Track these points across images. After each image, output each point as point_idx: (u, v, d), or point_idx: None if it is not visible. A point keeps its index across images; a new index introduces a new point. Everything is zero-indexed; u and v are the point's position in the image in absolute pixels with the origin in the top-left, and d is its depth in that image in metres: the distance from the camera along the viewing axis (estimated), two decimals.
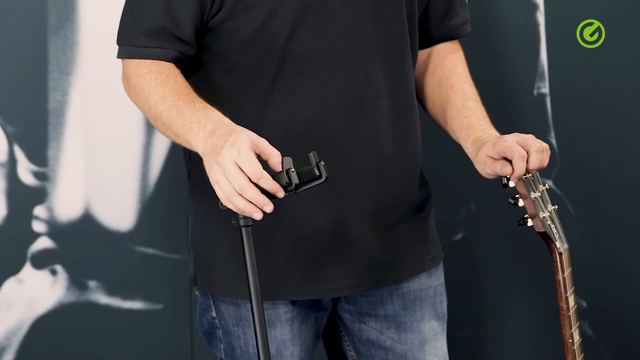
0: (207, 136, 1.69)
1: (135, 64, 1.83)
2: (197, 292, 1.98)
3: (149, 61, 1.81)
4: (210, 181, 1.65)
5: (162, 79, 1.80)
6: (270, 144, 1.65)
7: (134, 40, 1.83)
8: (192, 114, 1.73)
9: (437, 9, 2.00)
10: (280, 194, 1.62)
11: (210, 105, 1.75)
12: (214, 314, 1.93)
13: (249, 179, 1.61)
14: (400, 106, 1.91)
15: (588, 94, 2.66)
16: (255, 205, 1.62)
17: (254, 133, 1.64)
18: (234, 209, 1.64)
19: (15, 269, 2.50)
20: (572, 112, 2.67)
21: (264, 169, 1.62)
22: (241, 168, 1.61)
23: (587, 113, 2.67)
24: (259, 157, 1.63)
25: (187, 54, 1.84)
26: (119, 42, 1.86)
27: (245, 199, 1.61)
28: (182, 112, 1.75)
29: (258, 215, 1.63)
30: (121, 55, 1.85)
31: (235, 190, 1.61)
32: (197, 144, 1.71)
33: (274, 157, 1.63)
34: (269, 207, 1.62)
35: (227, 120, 1.71)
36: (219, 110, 1.73)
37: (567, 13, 2.63)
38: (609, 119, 2.68)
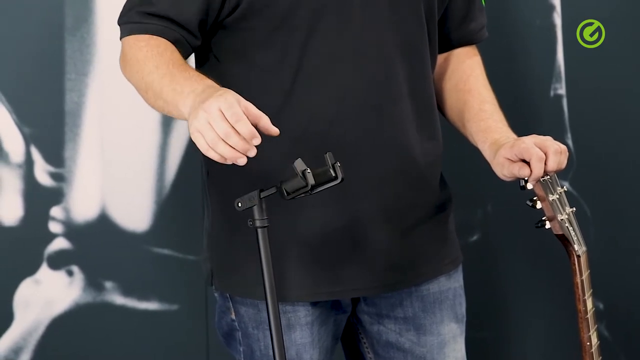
0: (196, 96, 1.67)
1: (133, 38, 1.82)
2: (215, 294, 1.98)
3: (147, 35, 1.80)
4: (191, 131, 1.62)
5: (159, 51, 1.78)
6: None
7: (135, 18, 1.82)
8: (186, 80, 1.72)
9: (455, 12, 2.00)
10: (257, 140, 1.59)
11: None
12: (233, 316, 1.93)
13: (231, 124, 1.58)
14: (421, 107, 1.91)
15: (605, 95, 2.66)
16: (238, 152, 1.60)
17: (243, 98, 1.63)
18: (216, 158, 1.61)
19: (32, 270, 2.51)
20: (589, 113, 2.66)
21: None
22: (224, 114, 1.59)
23: (603, 114, 2.66)
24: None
25: (190, 43, 1.83)
26: (120, 21, 1.85)
27: (229, 145, 1.59)
28: (174, 78, 1.73)
29: (242, 161, 1.60)
30: (123, 33, 1.84)
31: (219, 135, 1.59)
32: (184, 107, 1.68)
33: (263, 119, 1.61)
34: (252, 151, 1.60)
35: (221, 87, 1.69)
36: None
37: (584, 14, 2.62)
38: (625, 120, 2.67)
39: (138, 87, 1.81)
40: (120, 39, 1.85)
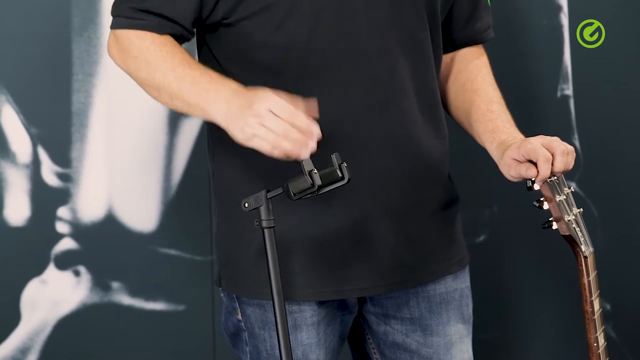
0: (227, 102, 1.72)
1: (134, 34, 1.83)
2: (222, 295, 1.98)
3: (149, 33, 1.82)
4: (246, 138, 1.69)
5: (167, 50, 1.81)
6: None
7: (128, 13, 1.83)
8: (209, 84, 1.76)
9: (461, 12, 2.00)
10: (317, 129, 1.66)
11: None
12: (239, 316, 1.93)
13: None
14: (426, 105, 1.91)
15: (612, 95, 2.66)
16: (300, 146, 1.66)
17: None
18: (281, 155, 1.67)
19: (39, 270, 2.51)
20: (596, 113, 2.66)
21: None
22: (276, 114, 1.65)
23: (610, 115, 2.66)
24: None
25: (184, 37, 1.86)
26: (113, 12, 1.86)
27: (290, 141, 1.66)
28: (195, 81, 1.77)
29: (306, 153, 1.66)
30: (116, 25, 1.85)
31: (279, 134, 1.65)
32: (216, 112, 1.74)
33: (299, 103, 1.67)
34: (312, 143, 1.67)
35: (247, 89, 1.75)
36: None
37: (592, 14, 2.62)
38: (632, 121, 2.67)
39: (145, 84, 1.84)
40: (113, 28, 1.86)
